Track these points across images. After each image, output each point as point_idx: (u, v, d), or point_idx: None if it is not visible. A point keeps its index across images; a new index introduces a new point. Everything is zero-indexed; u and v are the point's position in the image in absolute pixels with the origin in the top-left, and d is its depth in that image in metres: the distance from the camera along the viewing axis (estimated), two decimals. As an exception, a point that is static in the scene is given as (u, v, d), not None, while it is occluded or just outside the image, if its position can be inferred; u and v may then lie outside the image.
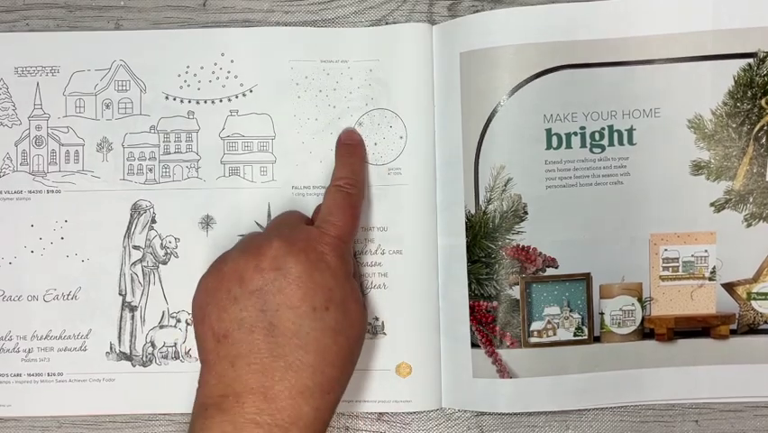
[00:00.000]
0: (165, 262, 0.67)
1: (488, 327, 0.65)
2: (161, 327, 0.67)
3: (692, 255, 0.65)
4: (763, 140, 0.64)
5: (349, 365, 0.58)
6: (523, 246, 0.65)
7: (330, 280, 0.57)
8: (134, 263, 0.67)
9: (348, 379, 0.58)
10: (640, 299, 0.65)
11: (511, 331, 0.65)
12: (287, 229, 0.59)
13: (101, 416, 0.67)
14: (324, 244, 0.58)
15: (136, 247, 0.67)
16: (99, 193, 0.67)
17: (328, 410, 0.56)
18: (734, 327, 0.65)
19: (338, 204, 0.62)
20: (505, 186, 0.65)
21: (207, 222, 0.67)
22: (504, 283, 0.65)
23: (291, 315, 0.55)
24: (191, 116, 0.67)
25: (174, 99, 0.67)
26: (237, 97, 0.67)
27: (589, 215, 0.65)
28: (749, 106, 0.64)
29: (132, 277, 0.67)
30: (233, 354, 0.55)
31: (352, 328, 0.58)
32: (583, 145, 0.65)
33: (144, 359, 0.67)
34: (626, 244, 0.65)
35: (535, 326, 0.65)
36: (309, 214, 0.66)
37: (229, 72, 0.67)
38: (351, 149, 0.66)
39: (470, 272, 0.65)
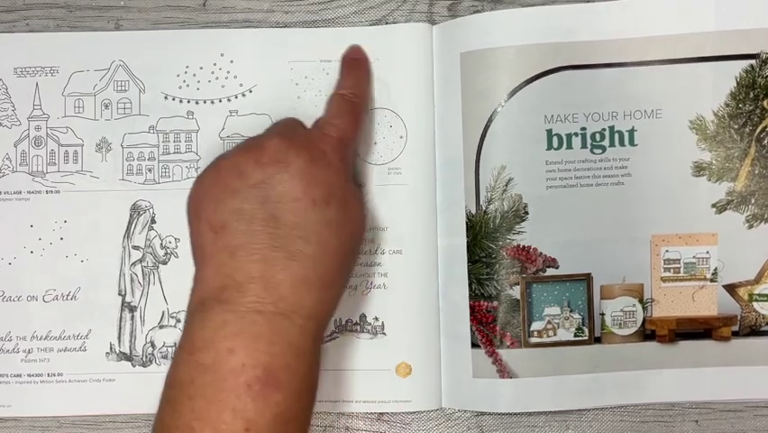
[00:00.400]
0: (165, 263, 0.67)
1: (488, 327, 0.65)
2: (161, 327, 0.67)
3: (694, 256, 0.65)
4: (765, 141, 0.64)
5: (350, 261, 0.58)
6: (523, 246, 0.65)
7: (331, 176, 0.56)
8: (134, 264, 0.67)
9: (349, 275, 0.59)
10: (641, 300, 0.65)
11: (511, 331, 0.65)
12: (288, 130, 0.59)
13: (101, 416, 0.67)
14: (325, 143, 0.58)
15: (136, 247, 0.67)
16: (98, 193, 0.67)
17: (330, 303, 0.56)
18: (735, 328, 0.65)
19: (341, 109, 0.61)
20: (505, 186, 0.65)
21: (207, 222, 0.67)
22: (504, 283, 0.65)
23: (292, 207, 0.54)
24: (190, 116, 0.67)
25: (173, 99, 0.67)
26: (237, 98, 0.67)
27: (589, 215, 0.65)
28: (751, 108, 0.64)
29: (131, 277, 0.67)
30: (232, 244, 0.54)
31: (353, 225, 0.58)
32: (584, 146, 0.65)
33: (144, 359, 0.67)
34: (626, 245, 0.65)
35: (536, 326, 0.65)
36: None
37: (228, 72, 0.67)
38: (357, 63, 0.66)
39: (470, 272, 0.65)
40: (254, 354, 0.51)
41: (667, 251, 0.65)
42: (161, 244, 0.67)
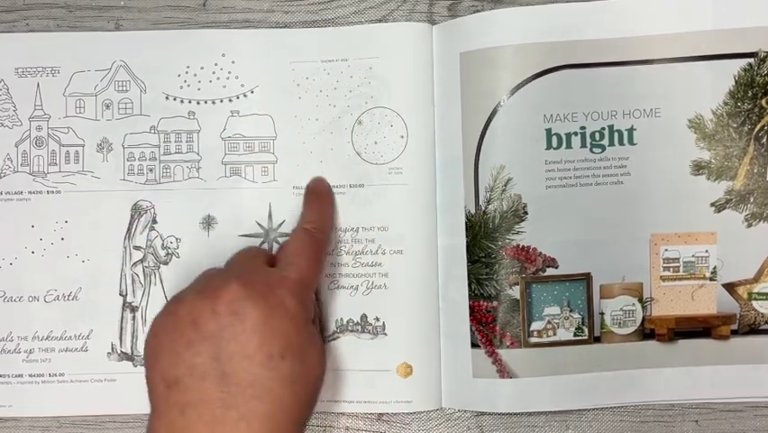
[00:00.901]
0: (166, 263, 0.67)
1: (488, 327, 0.65)
2: (162, 327, 0.67)
3: (693, 255, 0.65)
4: (764, 140, 0.64)
5: (305, 413, 0.56)
6: (523, 246, 0.65)
7: (288, 327, 0.55)
8: (135, 264, 0.67)
9: (305, 424, 0.56)
10: (641, 300, 0.65)
11: (511, 331, 0.65)
12: (246, 271, 0.57)
13: (101, 416, 0.67)
14: (284, 288, 0.56)
15: (137, 247, 0.67)
16: (99, 193, 0.67)
17: None
18: (735, 327, 0.65)
19: (303, 246, 0.61)
20: (505, 186, 0.65)
21: (209, 222, 0.67)
22: (504, 283, 0.65)
23: (246, 364, 0.53)
24: (192, 117, 0.67)
25: (174, 99, 0.67)
26: (238, 98, 0.67)
27: (589, 215, 0.65)
28: (750, 106, 0.64)
29: (132, 277, 0.67)
30: (183, 401, 0.52)
31: (309, 376, 0.56)
32: (583, 145, 0.65)
33: (145, 360, 0.67)
34: (626, 244, 0.65)
35: (535, 326, 0.65)
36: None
37: (230, 73, 0.67)
38: (319, 196, 0.66)
39: (470, 272, 0.65)
40: None
41: (666, 250, 0.65)
42: (162, 244, 0.67)
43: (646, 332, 0.65)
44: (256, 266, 0.59)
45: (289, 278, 0.57)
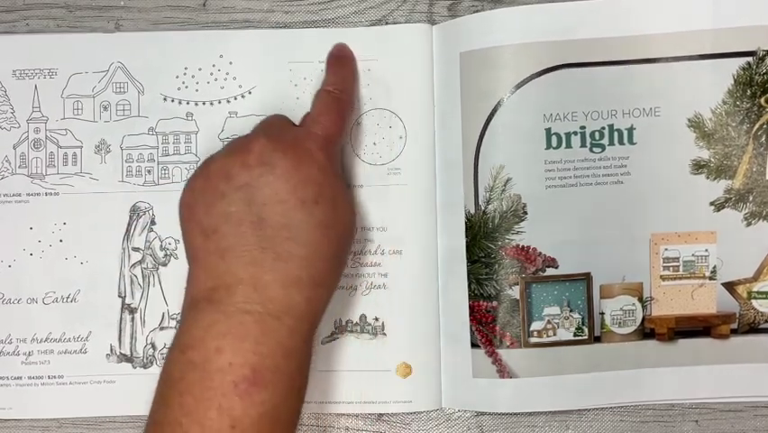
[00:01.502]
0: (165, 264, 0.67)
1: (488, 327, 0.65)
2: (162, 328, 0.67)
3: (693, 255, 0.65)
4: (763, 138, 0.64)
5: (341, 259, 0.59)
6: (522, 246, 0.65)
7: (318, 176, 0.56)
8: (134, 265, 0.67)
9: (339, 274, 0.59)
10: (641, 299, 0.65)
11: (511, 331, 0.65)
12: (274, 129, 0.59)
13: (101, 416, 0.67)
14: (311, 141, 0.58)
15: (135, 249, 0.67)
16: (98, 195, 0.67)
17: (321, 302, 0.57)
18: (734, 326, 0.65)
19: (327, 106, 0.61)
20: (504, 186, 0.65)
21: (207, 223, 0.67)
22: (504, 283, 0.65)
23: (280, 208, 0.54)
24: (190, 118, 0.67)
25: (172, 101, 0.67)
26: (236, 99, 0.67)
27: (589, 214, 0.65)
28: (749, 105, 0.64)
29: (131, 279, 0.67)
30: (222, 247, 0.55)
31: (343, 223, 0.58)
32: (583, 145, 0.65)
33: (145, 361, 0.67)
34: (626, 244, 0.65)
35: (535, 326, 0.65)
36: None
37: (228, 74, 0.67)
38: (342, 60, 0.66)
39: (469, 272, 0.65)
40: (241, 353, 0.52)
41: (666, 249, 0.65)
42: (161, 245, 0.67)
43: (646, 332, 0.65)
44: (283, 125, 0.61)
45: (315, 133, 0.59)
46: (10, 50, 0.67)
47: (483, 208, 0.65)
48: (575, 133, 0.65)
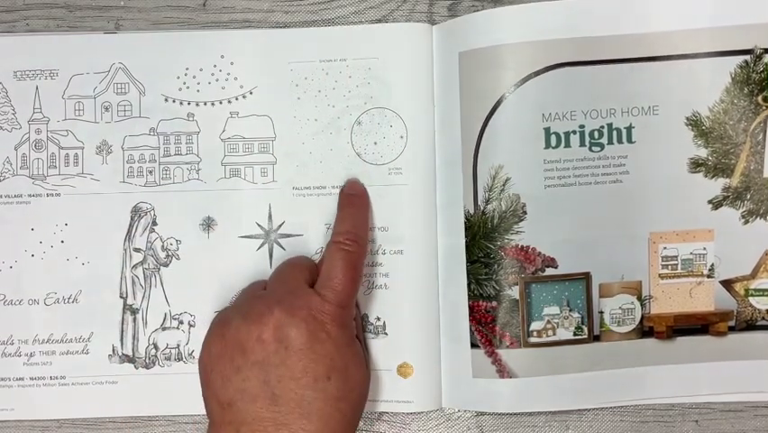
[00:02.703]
0: (166, 264, 0.67)
1: (487, 327, 0.65)
2: (164, 328, 0.67)
3: (691, 253, 0.65)
4: (760, 136, 0.64)
5: (353, 425, 0.59)
6: (522, 246, 0.65)
7: (331, 350, 0.57)
8: (135, 266, 0.67)
9: None
10: (639, 298, 0.65)
11: (511, 331, 0.65)
12: (288, 295, 0.59)
13: (101, 416, 0.67)
14: (324, 313, 0.58)
15: (137, 250, 0.67)
16: (99, 196, 0.67)
17: None
18: (732, 323, 0.65)
19: (337, 265, 0.61)
20: (503, 186, 0.65)
21: (208, 223, 0.67)
22: (503, 283, 0.65)
23: (293, 385, 0.56)
24: (191, 118, 0.67)
25: (173, 101, 0.67)
26: (237, 99, 0.67)
27: (588, 214, 0.65)
28: (746, 103, 0.64)
29: (133, 280, 0.67)
30: (237, 420, 0.56)
31: (354, 392, 0.59)
32: (582, 144, 0.65)
33: (147, 361, 0.67)
34: (625, 243, 0.65)
35: (535, 325, 0.65)
36: (310, 216, 0.67)
37: (229, 74, 0.67)
38: (353, 199, 0.66)
39: (469, 272, 0.65)
40: None
41: (665, 248, 0.65)
42: (163, 246, 0.67)
43: (645, 330, 0.66)
44: (298, 288, 0.60)
45: (328, 302, 0.59)
46: (10, 51, 0.67)
47: (482, 208, 0.65)
48: (574, 132, 0.65)
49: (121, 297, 0.67)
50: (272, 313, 0.57)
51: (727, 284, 0.65)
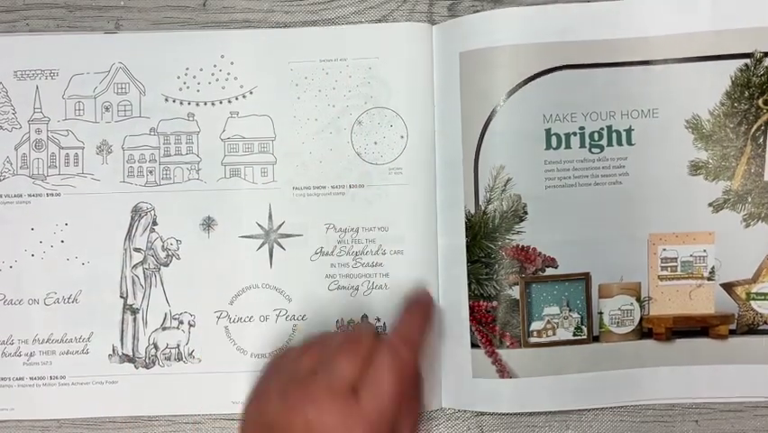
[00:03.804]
0: (166, 264, 0.67)
1: (488, 327, 0.65)
2: (164, 328, 0.67)
3: (691, 255, 0.65)
4: (761, 140, 0.64)
5: None
6: (522, 246, 0.65)
7: None
8: (135, 266, 0.67)
9: None
10: (639, 299, 0.65)
11: (511, 331, 0.65)
12: (328, 397, 0.53)
13: (101, 416, 0.67)
14: (360, 427, 0.52)
15: (137, 249, 0.67)
16: (99, 196, 0.67)
17: None
18: (733, 327, 0.65)
19: (385, 369, 0.54)
20: (504, 186, 0.65)
21: (209, 223, 0.67)
22: (504, 283, 0.65)
23: None
24: (191, 118, 0.67)
25: (174, 101, 0.67)
26: (237, 99, 0.67)
27: (588, 215, 0.65)
28: (746, 106, 0.64)
29: (133, 279, 0.67)
30: None
31: None
32: (582, 145, 0.65)
33: (147, 361, 0.67)
34: (624, 244, 0.65)
35: (535, 326, 0.65)
36: (310, 216, 0.67)
37: (229, 74, 0.67)
38: (418, 308, 0.63)
39: (469, 272, 0.65)
40: None
41: (664, 250, 0.65)
42: (163, 245, 0.67)
43: (644, 331, 0.66)
44: (338, 393, 0.53)
45: (367, 414, 0.53)
46: (11, 51, 0.67)
47: (483, 208, 0.65)
48: (574, 133, 0.65)
49: (121, 297, 0.67)
50: (306, 414, 0.52)
51: (728, 287, 0.65)
